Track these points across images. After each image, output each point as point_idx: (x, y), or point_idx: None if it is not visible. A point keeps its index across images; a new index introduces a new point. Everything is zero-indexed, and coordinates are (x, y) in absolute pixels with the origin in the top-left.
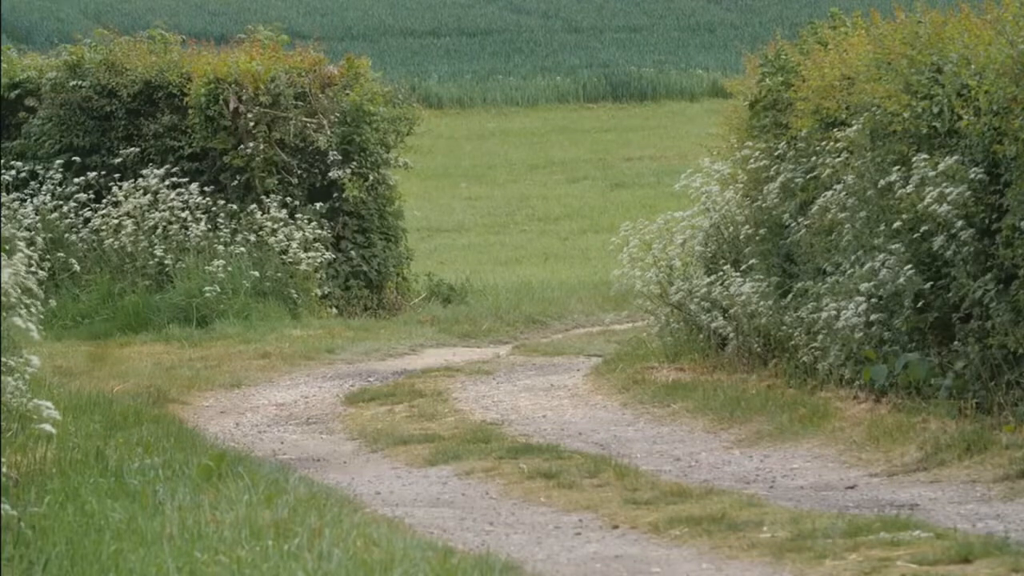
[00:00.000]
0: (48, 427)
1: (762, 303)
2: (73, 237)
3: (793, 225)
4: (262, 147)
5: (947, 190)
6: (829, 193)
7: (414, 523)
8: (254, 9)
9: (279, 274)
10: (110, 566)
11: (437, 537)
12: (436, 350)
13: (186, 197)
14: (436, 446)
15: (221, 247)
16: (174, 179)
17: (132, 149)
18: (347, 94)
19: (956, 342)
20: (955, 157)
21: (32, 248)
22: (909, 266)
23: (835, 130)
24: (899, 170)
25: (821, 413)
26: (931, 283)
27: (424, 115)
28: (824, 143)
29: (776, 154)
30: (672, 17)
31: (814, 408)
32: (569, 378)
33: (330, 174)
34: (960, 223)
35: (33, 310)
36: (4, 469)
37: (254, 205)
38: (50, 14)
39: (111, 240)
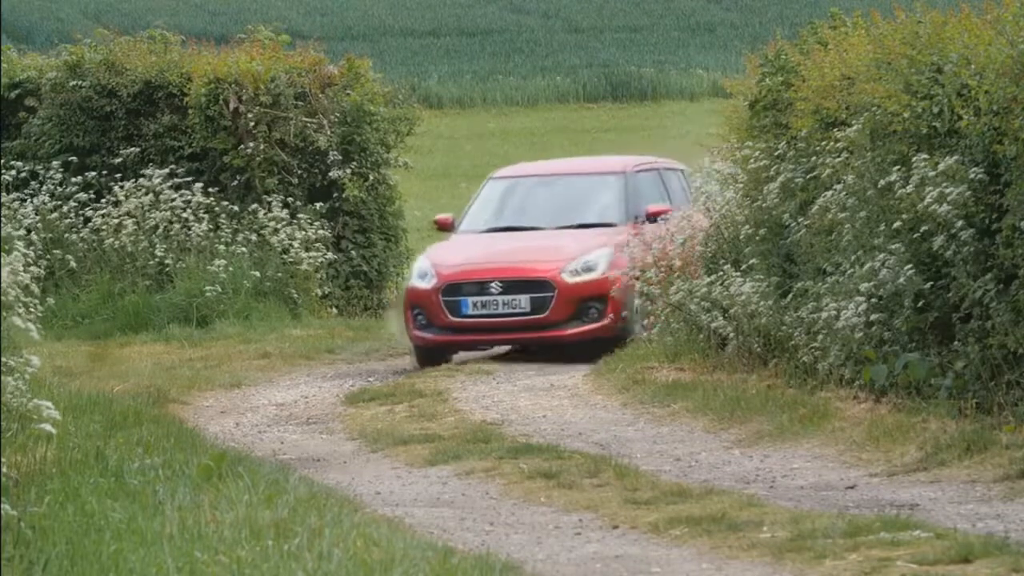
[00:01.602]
0: (48, 427)
1: (762, 303)
2: (73, 237)
3: (793, 225)
4: (262, 147)
5: (947, 190)
6: (829, 193)
7: (414, 523)
8: (254, 9)
9: (280, 274)
10: (110, 566)
11: (437, 537)
12: None
13: (188, 197)
14: (436, 446)
15: (222, 247)
16: (176, 179)
17: (132, 149)
18: (347, 94)
19: (956, 342)
20: (955, 157)
21: (31, 247)
22: (909, 266)
23: (835, 130)
24: (899, 170)
25: (821, 413)
26: (931, 283)
27: (424, 115)
28: (824, 143)
29: (776, 154)
30: (672, 17)
31: (814, 408)
32: (569, 378)
33: (330, 174)
34: (960, 223)
35: (32, 309)
36: (4, 469)
37: (256, 205)
38: (50, 14)
39: (111, 240)
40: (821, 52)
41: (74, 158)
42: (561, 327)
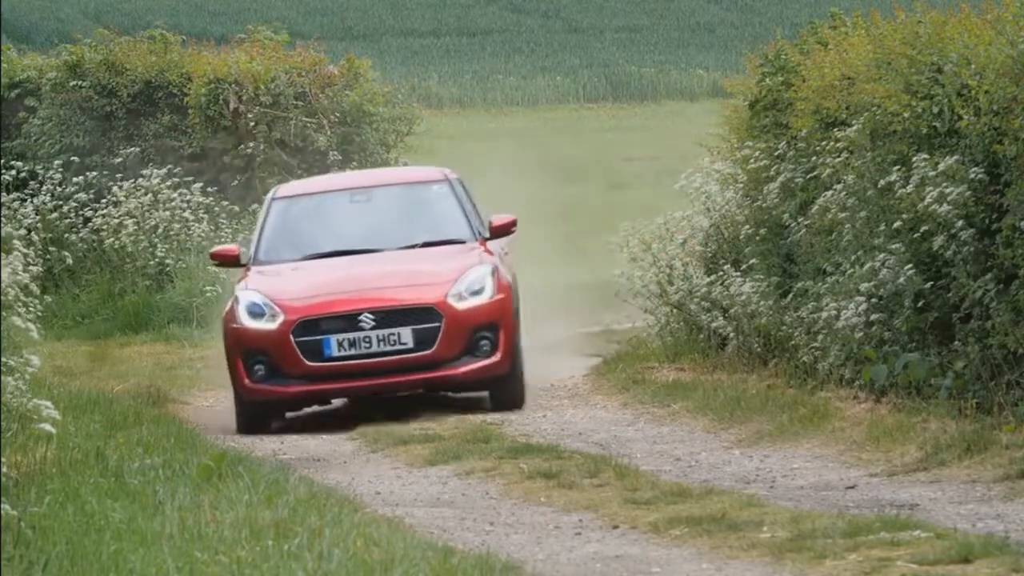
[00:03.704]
0: (48, 427)
1: (762, 303)
2: (73, 237)
3: (793, 225)
4: (262, 147)
5: (947, 190)
6: (829, 193)
7: (414, 523)
8: (254, 9)
9: None
10: (110, 566)
11: (437, 537)
12: None
13: (188, 197)
14: (436, 446)
15: None
16: (176, 179)
17: (132, 149)
18: (347, 94)
19: (956, 342)
20: (955, 157)
21: (31, 247)
22: (909, 266)
23: (835, 130)
24: (899, 170)
25: (821, 413)
26: (931, 283)
27: (424, 115)
28: (824, 143)
29: (776, 154)
30: (672, 17)
31: (814, 408)
32: (569, 378)
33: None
34: (960, 223)
35: (31, 308)
36: (4, 469)
37: (255, 205)
38: (50, 14)
39: (111, 240)
40: (821, 52)
41: (74, 158)
42: (452, 365)
